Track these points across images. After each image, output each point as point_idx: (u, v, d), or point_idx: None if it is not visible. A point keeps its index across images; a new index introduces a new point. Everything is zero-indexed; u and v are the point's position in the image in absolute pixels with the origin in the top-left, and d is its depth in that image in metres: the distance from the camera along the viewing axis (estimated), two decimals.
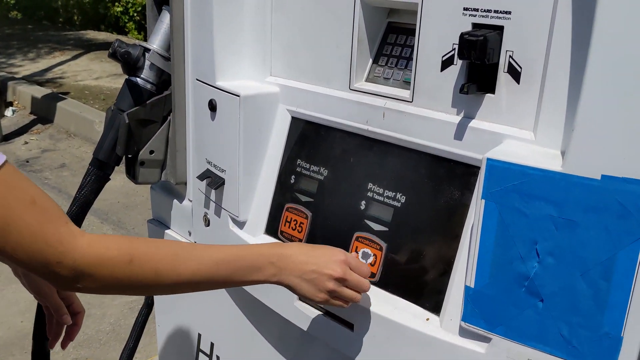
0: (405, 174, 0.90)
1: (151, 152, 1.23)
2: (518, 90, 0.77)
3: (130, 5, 8.10)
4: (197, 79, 1.14)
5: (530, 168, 0.70)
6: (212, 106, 1.09)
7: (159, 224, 1.39)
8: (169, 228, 1.36)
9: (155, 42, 1.20)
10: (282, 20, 1.07)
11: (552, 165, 0.70)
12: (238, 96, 1.03)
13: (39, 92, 5.31)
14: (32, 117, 5.13)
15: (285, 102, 1.07)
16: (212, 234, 1.19)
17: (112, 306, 2.58)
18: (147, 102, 1.19)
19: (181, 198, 1.30)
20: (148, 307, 1.65)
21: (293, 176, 1.06)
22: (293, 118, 1.07)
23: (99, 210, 3.38)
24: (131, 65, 1.17)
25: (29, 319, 1.88)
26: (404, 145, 0.90)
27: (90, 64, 6.53)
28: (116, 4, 8.33)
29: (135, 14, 8.11)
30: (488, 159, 0.73)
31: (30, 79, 5.84)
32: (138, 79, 1.19)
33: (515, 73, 0.77)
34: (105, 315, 2.53)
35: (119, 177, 1.27)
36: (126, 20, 8.40)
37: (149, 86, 1.20)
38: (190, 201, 1.26)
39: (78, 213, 1.20)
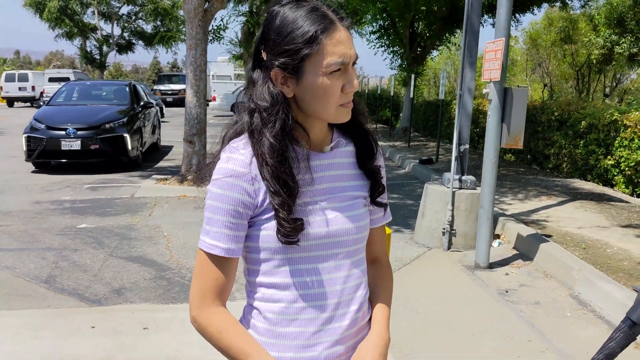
0: None
1: None
2: None
3: (623, 160, 8.13)
4: None
5: None
6: None
7: None
8: None
9: None
10: None
11: None
12: None
13: (524, 230, 5.85)
14: (514, 252, 5.68)
15: None
16: None
17: None
18: None
19: None
20: None
21: None
22: None
23: None
24: None
25: None
26: None
27: (574, 212, 6.82)
28: (608, 157, 8.49)
29: (627, 169, 8.08)
30: None
31: (517, 217, 6.50)
32: None
33: None
34: None
35: None
36: (615, 173, 8.44)
37: None
38: None
39: None
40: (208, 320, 1.24)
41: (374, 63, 57.88)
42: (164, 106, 23.29)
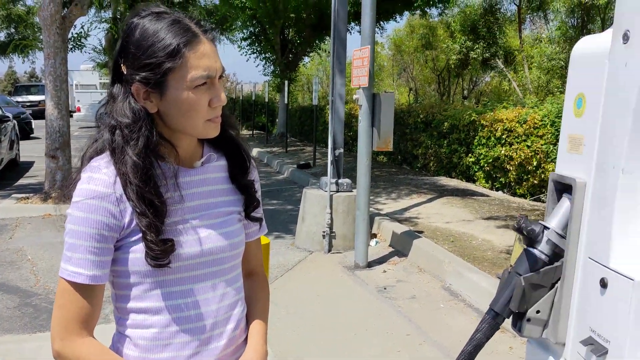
0: None
1: (537, 311, 1.45)
2: None
3: (482, 157, 8.79)
4: (589, 257, 1.34)
5: None
6: (604, 284, 1.27)
7: None
8: None
9: (553, 222, 1.45)
10: None
11: None
12: (632, 280, 1.19)
13: (398, 228, 6.12)
14: (391, 249, 5.92)
15: None
16: None
17: None
18: (540, 269, 1.44)
19: (557, 356, 1.47)
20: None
21: None
22: None
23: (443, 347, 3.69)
24: (531, 239, 1.45)
25: None
26: None
27: (441, 208, 7.25)
28: (469, 155, 9.14)
29: (485, 165, 8.74)
30: None
31: (391, 216, 6.78)
32: (535, 250, 1.45)
33: None
34: None
35: None
36: (476, 170, 9.10)
37: (543, 257, 1.44)
38: None
39: (471, 351, 1.48)
40: (75, 352, 1.15)
41: (247, 69, 57.85)
42: (32, 120, 21.35)
